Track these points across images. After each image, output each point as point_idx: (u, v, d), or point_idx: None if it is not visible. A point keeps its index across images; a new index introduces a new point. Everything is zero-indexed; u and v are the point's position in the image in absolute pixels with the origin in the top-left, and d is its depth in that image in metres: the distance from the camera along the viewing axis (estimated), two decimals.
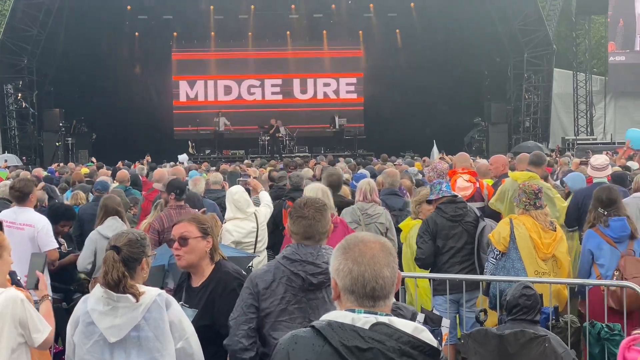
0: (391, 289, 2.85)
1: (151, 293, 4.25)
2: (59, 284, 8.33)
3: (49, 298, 5.00)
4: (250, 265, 7.05)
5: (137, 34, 34.96)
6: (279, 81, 36.95)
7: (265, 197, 9.82)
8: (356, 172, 14.78)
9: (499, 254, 7.35)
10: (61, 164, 23.89)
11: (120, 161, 22.46)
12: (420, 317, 6.01)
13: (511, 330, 5.71)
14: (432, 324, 6.05)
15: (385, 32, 35.48)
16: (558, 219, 8.79)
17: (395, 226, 8.87)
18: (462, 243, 7.88)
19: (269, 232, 9.40)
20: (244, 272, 5.15)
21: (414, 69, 34.19)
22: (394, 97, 34.26)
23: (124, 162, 22.48)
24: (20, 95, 31.58)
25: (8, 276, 4.95)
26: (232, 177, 13.56)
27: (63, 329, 4.69)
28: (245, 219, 8.88)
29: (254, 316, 4.44)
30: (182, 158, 25.01)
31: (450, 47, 33.36)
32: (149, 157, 24.58)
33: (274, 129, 31.76)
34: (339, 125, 32.84)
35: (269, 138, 32.03)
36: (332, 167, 12.59)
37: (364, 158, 26.91)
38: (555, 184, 11.47)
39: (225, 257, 5.12)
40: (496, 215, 9.43)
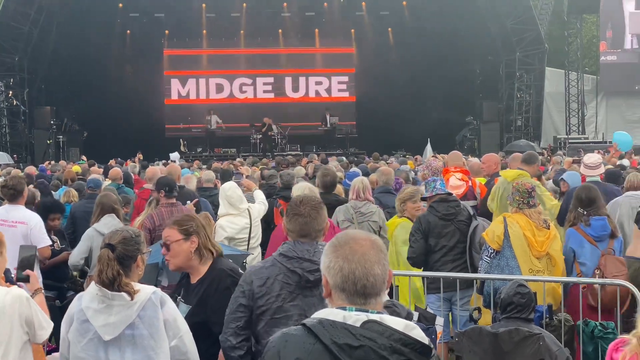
0: (382, 286, 2.84)
1: (146, 291, 4.24)
2: (52, 281, 8.30)
3: (42, 291, 4.99)
4: (244, 262, 7.03)
5: (128, 31, 34.85)
6: (270, 79, 36.89)
7: (260, 195, 9.82)
8: (348, 170, 14.77)
9: (493, 252, 7.35)
10: (52, 162, 23.80)
11: (113, 159, 22.39)
12: (414, 315, 6.02)
13: (505, 328, 5.72)
14: (426, 322, 6.05)
15: (377, 30, 35.48)
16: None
17: None
18: (454, 242, 7.88)
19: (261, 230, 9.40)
20: (239, 269, 5.14)
21: (406, 68, 34.21)
22: (385, 95, 34.26)
23: (117, 159, 22.42)
24: (11, 92, 31.50)
25: (2, 274, 4.93)
26: (225, 175, 13.53)
27: (57, 326, 4.68)
28: (239, 215, 8.87)
29: (242, 315, 4.44)
30: (174, 156, 24.92)
31: (442, 46, 33.38)
32: (141, 155, 24.55)
33: (266, 127, 31.72)
34: (330, 124, 32.82)
35: (261, 136, 31.99)
36: (326, 166, 12.55)
37: (356, 157, 26.88)
38: (549, 184, 11.49)
39: (222, 252, 5.12)
40: (489, 214, 9.45)
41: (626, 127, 31.94)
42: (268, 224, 9.76)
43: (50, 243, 8.24)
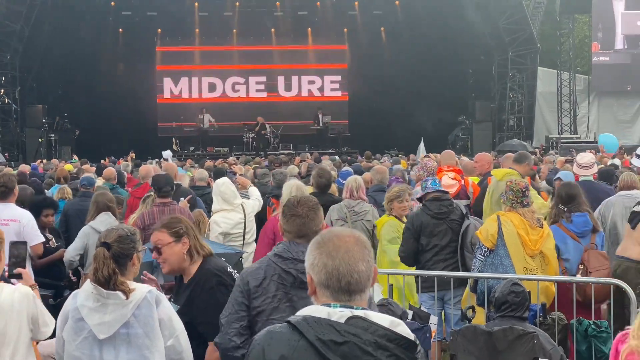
0: (367, 283, 2.84)
1: (141, 290, 4.23)
2: (50, 280, 8.24)
3: (37, 287, 4.97)
4: (241, 258, 7.03)
5: (121, 30, 34.73)
6: (263, 78, 36.81)
7: (255, 192, 9.84)
8: (341, 169, 14.77)
9: (486, 250, 7.35)
10: (44, 161, 23.75)
11: (107, 157, 22.34)
12: (409, 314, 6.03)
13: (500, 327, 5.74)
14: (420, 321, 6.07)
15: (370, 30, 35.47)
16: None
17: None
18: (446, 241, 7.87)
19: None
20: (230, 268, 5.11)
21: (398, 67, 34.21)
22: (378, 95, 34.29)
23: (110, 158, 22.38)
24: (2, 91, 31.35)
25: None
26: (217, 174, 13.52)
27: None
28: (233, 210, 8.87)
29: (245, 314, 4.39)
30: (167, 154, 24.82)
31: (435, 46, 33.41)
32: (133, 154, 24.50)
33: (259, 126, 31.67)
34: (323, 123, 32.78)
35: (254, 135, 31.93)
36: (321, 166, 12.52)
37: (349, 156, 26.87)
38: (543, 183, 11.52)
39: (212, 252, 5.10)
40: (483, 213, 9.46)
41: (618, 127, 32.08)
42: (262, 222, 9.74)
43: (43, 240, 8.19)
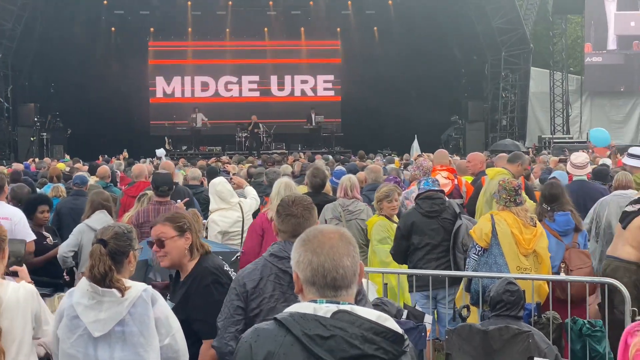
0: (353, 278, 2.85)
1: (137, 288, 4.21)
2: (48, 279, 8.19)
3: (32, 285, 4.94)
4: (237, 255, 7.01)
5: (113, 29, 34.65)
6: (256, 78, 36.79)
7: (252, 191, 9.85)
8: (334, 168, 14.75)
9: (480, 250, 7.36)
10: (37, 159, 23.69)
11: (100, 156, 22.30)
12: (404, 313, 6.03)
13: (495, 326, 5.74)
14: (414, 319, 6.06)
15: (363, 29, 35.48)
16: None
17: None
18: (439, 239, 7.87)
19: None
20: (227, 266, 5.10)
21: (392, 67, 34.22)
22: (371, 94, 34.26)
23: (103, 156, 22.34)
24: None
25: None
26: (211, 173, 13.51)
27: None
28: (230, 209, 8.88)
29: (241, 318, 4.36)
30: (160, 152, 24.82)
31: (428, 46, 33.43)
32: (126, 153, 24.46)
33: (252, 125, 31.63)
34: (315, 122, 32.76)
35: (246, 134, 31.90)
36: (316, 165, 12.50)
37: (342, 155, 26.87)
38: (536, 183, 11.53)
39: (210, 250, 5.08)
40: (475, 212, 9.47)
41: (610, 127, 32.01)
42: None
43: (35, 238, 8.15)
